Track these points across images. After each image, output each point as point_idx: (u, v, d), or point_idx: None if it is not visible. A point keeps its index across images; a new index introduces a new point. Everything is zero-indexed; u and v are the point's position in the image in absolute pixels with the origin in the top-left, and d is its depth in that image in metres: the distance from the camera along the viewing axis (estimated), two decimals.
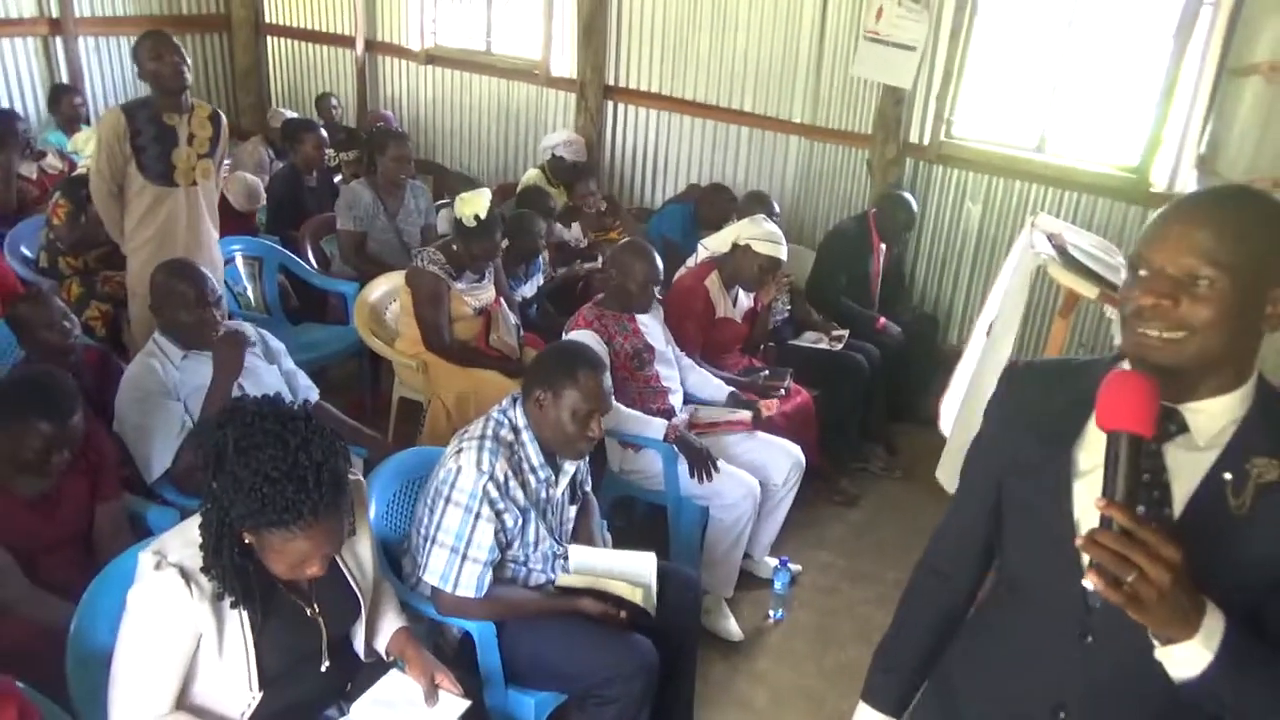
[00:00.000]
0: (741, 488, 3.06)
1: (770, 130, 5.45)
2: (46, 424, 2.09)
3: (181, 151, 3.38)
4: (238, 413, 1.63)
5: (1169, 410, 1.15)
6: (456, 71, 6.40)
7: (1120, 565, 1.01)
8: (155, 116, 3.32)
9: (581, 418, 2.23)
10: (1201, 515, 1.14)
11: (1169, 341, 1.10)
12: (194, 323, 2.67)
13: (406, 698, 1.91)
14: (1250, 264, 1.08)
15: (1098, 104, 4.78)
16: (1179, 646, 1.05)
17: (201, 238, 3.55)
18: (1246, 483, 1.12)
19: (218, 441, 1.61)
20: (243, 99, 7.05)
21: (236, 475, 1.58)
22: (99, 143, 3.32)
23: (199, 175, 3.46)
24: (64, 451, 2.14)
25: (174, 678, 1.69)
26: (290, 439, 1.59)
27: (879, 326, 4.35)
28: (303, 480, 1.58)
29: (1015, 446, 1.30)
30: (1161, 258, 1.11)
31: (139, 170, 3.32)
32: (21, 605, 2.10)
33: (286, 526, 1.59)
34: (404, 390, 3.81)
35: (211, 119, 3.47)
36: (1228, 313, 1.08)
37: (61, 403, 2.14)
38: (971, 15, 4.79)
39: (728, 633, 3.08)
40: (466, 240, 3.48)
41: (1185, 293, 1.09)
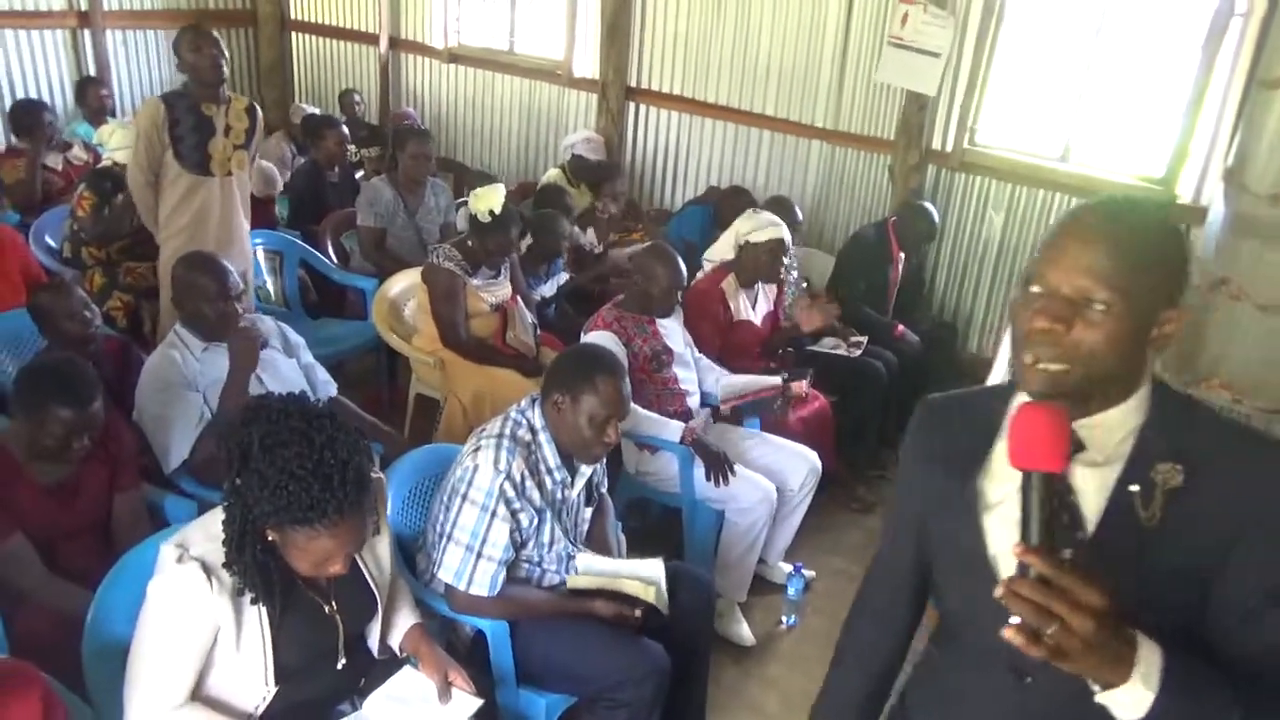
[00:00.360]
0: (758, 492, 3.04)
1: (792, 134, 5.43)
2: (67, 410, 2.10)
3: (218, 142, 3.45)
4: (263, 410, 1.63)
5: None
6: (479, 70, 6.42)
7: (1040, 617, 0.94)
8: (194, 106, 3.39)
9: (599, 423, 2.23)
10: (1114, 532, 1.11)
11: (1054, 374, 1.06)
12: (215, 316, 2.68)
13: (419, 695, 1.91)
14: (1145, 287, 1.04)
15: (1124, 114, 4.73)
16: (1120, 690, 0.99)
17: (234, 228, 3.61)
18: (1154, 492, 1.09)
19: (243, 438, 1.61)
20: (267, 94, 7.08)
21: (262, 473, 1.58)
22: (138, 132, 3.39)
23: (234, 166, 3.53)
24: (84, 438, 2.15)
25: (191, 670, 1.70)
26: (316, 437, 1.60)
27: (897, 334, 4.32)
28: (328, 478, 1.58)
29: (927, 481, 1.27)
30: (1057, 276, 1.06)
31: (176, 159, 3.39)
32: (40, 593, 2.11)
33: (311, 524, 1.59)
34: (421, 387, 3.82)
35: (248, 111, 3.55)
36: (1119, 339, 1.05)
37: (81, 390, 2.15)
38: (998, 22, 4.76)
39: (740, 637, 3.07)
40: (481, 236, 3.49)
41: (1079, 316, 1.05)
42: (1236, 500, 1.08)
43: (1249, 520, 1.07)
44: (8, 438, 2.18)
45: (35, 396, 2.12)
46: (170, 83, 6.36)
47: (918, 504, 1.30)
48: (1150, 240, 1.06)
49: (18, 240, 3.56)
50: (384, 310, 3.82)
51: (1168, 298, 1.07)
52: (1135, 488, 1.09)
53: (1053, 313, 1.05)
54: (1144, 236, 1.06)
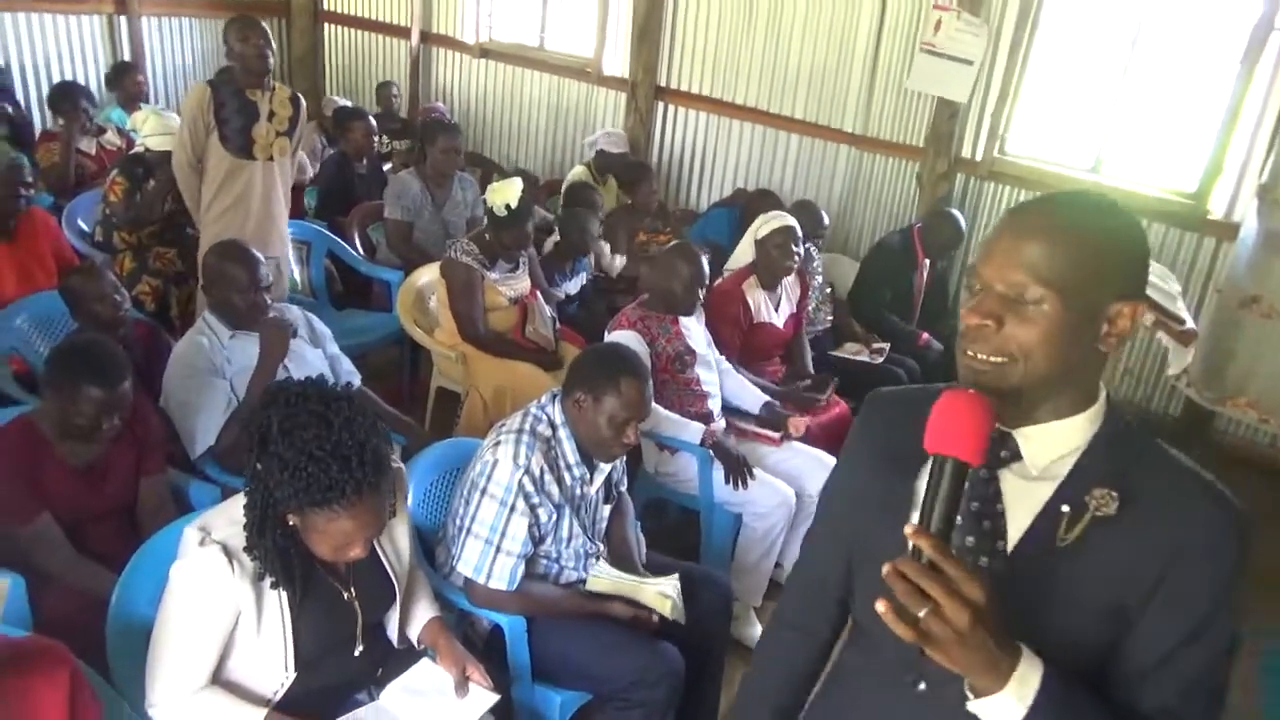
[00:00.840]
0: (776, 496, 3.04)
1: (820, 138, 5.42)
2: (96, 389, 2.13)
3: (262, 126, 3.52)
4: (281, 394, 1.65)
5: (1003, 435, 1.09)
6: (509, 66, 6.44)
7: (916, 599, 0.93)
8: (239, 92, 3.47)
9: (618, 424, 2.23)
10: (1036, 550, 1.07)
11: (995, 366, 1.03)
12: (244, 305, 2.71)
13: (436, 687, 1.92)
14: (1084, 280, 1.00)
15: (1157, 127, 4.69)
16: (991, 699, 0.97)
17: (273, 214, 3.67)
18: (1083, 515, 1.05)
19: (262, 423, 1.63)
20: (298, 84, 7.11)
21: (281, 456, 1.59)
22: (184, 115, 3.48)
23: (276, 151, 3.60)
24: (114, 418, 2.18)
25: (211, 653, 1.71)
26: (334, 419, 1.61)
27: (921, 342, 4.30)
28: (346, 459, 1.59)
29: (863, 480, 1.23)
30: (990, 272, 1.04)
31: (220, 141, 3.46)
32: (67, 573, 2.14)
33: (330, 505, 1.61)
34: (442, 380, 3.84)
35: (292, 100, 3.63)
36: (1057, 335, 1.01)
37: (111, 370, 2.18)
38: (1032, 31, 4.74)
39: (754, 642, 3.06)
40: (497, 229, 3.50)
41: (1011, 312, 1.02)
42: (1168, 538, 1.03)
43: (1178, 560, 1.03)
44: (39, 418, 2.21)
45: (67, 376, 2.14)
46: (204, 71, 6.43)
47: (847, 505, 1.26)
48: (1090, 231, 1.02)
49: (50, 223, 3.60)
50: (408, 303, 3.84)
51: (1115, 292, 1.02)
52: (1066, 508, 1.06)
53: (985, 309, 1.03)
54: (1083, 228, 1.02)
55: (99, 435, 2.18)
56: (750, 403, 3.40)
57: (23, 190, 3.28)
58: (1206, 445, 4.75)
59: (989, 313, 1.03)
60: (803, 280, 3.82)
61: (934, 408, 1.01)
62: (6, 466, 2.10)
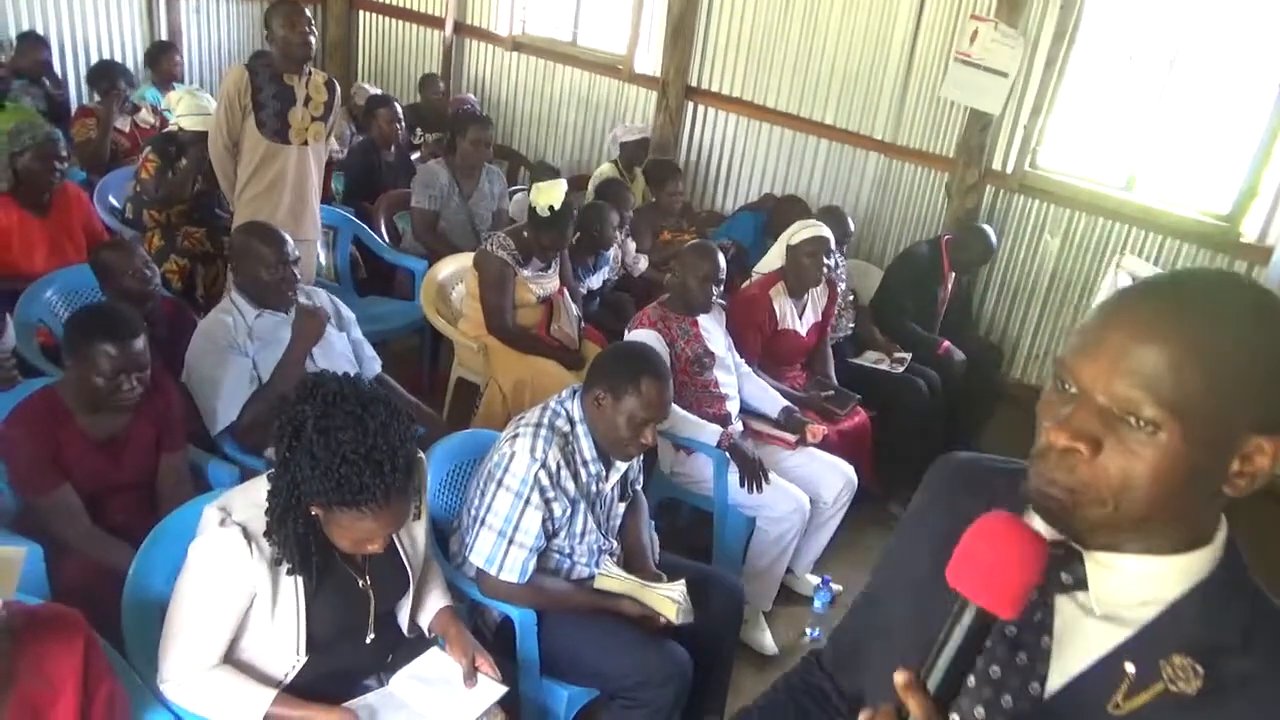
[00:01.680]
0: (791, 502, 3.03)
1: (850, 144, 5.39)
2: (111, 346, 2.14)
3: (298, 111, 3.52)
4: (319, 389, 1.65)
5: (1071, 552, 0.85)
6: (541, 60, 6.44)
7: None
8: (276, 76, 3.47)
9: (637, 424, 2.22)
10: (1081, 708, 0.83)
11: (1074, 499, 0.80)
12: (272, 282, 2.73)
13: (445, 677, 1.92)
14: (1218, 404, 0.75)
15: (1193, 147, 4.64)
16: None
17: (307, 198, 3.69)
18: (1151, 684, 0.80)
19: (297, 415, 1.63)
20: (331, 70, 7.13)
21: (314, 453, 1.60)
22: (221, 97, 3.48)
23: (311, 136, 3.61)
24: (132, 379, 2.18)
25: (225, 632, 1.73)
26: (370, 422, 1.61)
27: (942, 351, 4.27)
28: (379, 465, 1.60)
29: (909, 550, 1.03)
30: (1090, 375, 0.79)
31: (256, 126, 3.47)
32: (83, 544, 2.16)
33: (358, 507, 1.61)
34: (462, 371, 3.85)
35: (327, 85, 3.63)
36: (1170, 474, 0.76)
37: (122, 325, 2.19)
38: (1069, 46, 4.69)
39: (762, 646, 3.05)
40: (537, 229, 3.51)
41: (1113, 434, 0.77)
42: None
43: None
44: (62, 389, 2.23)
45: (80, 336, 2.17)
46: (240, 53, 6.47)
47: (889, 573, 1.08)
48: (1235, 339, 0.75)
49: (83, 198, 3.64)
50: (432, 292, 3.85)
51: (1256, 421, 0.76)
52: (1132, 668, 0.81)
53: (1078, 428, 0.78)
54: (1226, 333, 0.75)
55: (119, 399, 2.18)
56: (770, 407, 3.39)
57: (57, 165, 3.31)
58: None
59: (1083, 433, 0.78)
60: (831, 289, 3.80)
61: (969, 531, 0.79)
62: (29, 436, 2.12)
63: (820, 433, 3.31)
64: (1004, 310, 5.19)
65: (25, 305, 3.00)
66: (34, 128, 3.26)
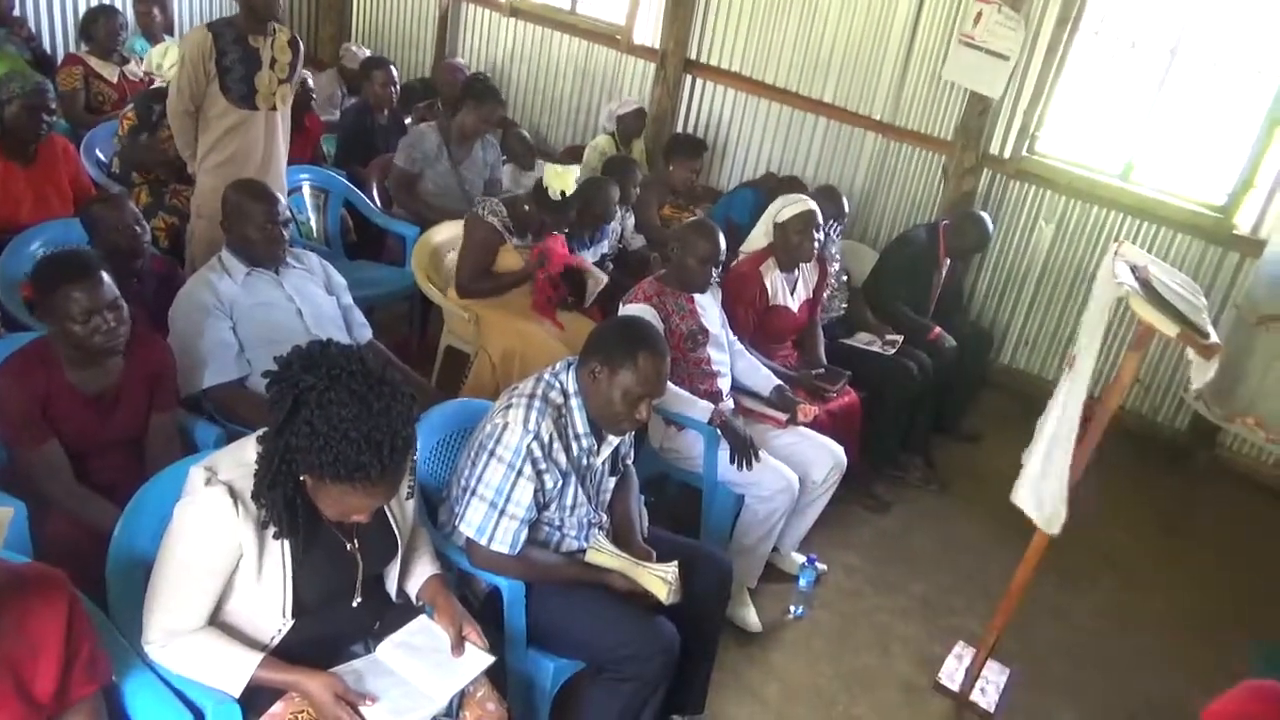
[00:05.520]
0: (781, 480, 3.02)
1: (848, 124, 5.36)
2: (75, 290, 2.09)
3: (264, 75, 3.34)
4: (324, 361, 1.61)
5: None
6: (539, 28, 6.35)
7: None
8: (240, 38, 3.27)
9: (632, 399, 2.20)
10: None
11: None
12: (262, 240, 2.70)
13: (432, 645, 1.91)
14: None
15: (1191, 137, 4.64)
16: None
17: (273, 163, 3.55)
18: None
19: (298, 383, 1.59)
20: (323, 29, 7.06)
21: (313, 424, 1.57)
22: (182, 59, 3.28)
23: (278, 100, 3.45)
24: (106, 316, 2.13)
25: (210, 594, 1.71)
26: (374, 402, 1.59)
27: (933, 336, 4.27)
28: (378, 445, 1.57)
29: None
30: None
31: (222, 92, 3.28)
32: (67, 501, 2.13)
33: (351, 483, 1.59)
34: (452, 339, 3.82)
35: (291, 44, 3.43)
36: None
37: (81, 267, 2.15)
38: (1071, 32, 4.67)
39: (746, 623, 3.06)
40: (541, 208, 3.50)
41: None
42: None
43: None
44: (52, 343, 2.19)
45: (46, 285, 2.13)
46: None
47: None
48: None
49: (71, 150, 3.57)
50: (424, 259, 3.81)
51: None
52: None
53: None
54: None
55: (103, 341, 2.13)
56: (761, 385, 3.38)
57: (45, 116, 3.25)
58: (1211, 460, 4.74)
59: None
60: (822, 266, 3.79)
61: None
62: (18, 387, 2.09)
63: (812, 413, 3.31)
64: (995, 296, 5.19)
65: (9, 259, 2.95)
66: (24, 77, 3.20)
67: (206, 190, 3.35)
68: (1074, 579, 3.69)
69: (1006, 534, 3.05)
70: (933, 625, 3.32)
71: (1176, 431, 4.85)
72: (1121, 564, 3.92)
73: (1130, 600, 3.71)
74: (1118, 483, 4.29)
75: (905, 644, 3.21)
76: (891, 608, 3.37)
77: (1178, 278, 2.76)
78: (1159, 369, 4.80)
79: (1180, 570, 3.98)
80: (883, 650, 3.16)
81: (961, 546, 3.80)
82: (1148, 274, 2.60)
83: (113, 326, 2.14)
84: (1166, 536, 4.21)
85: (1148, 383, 4.84)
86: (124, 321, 2.17)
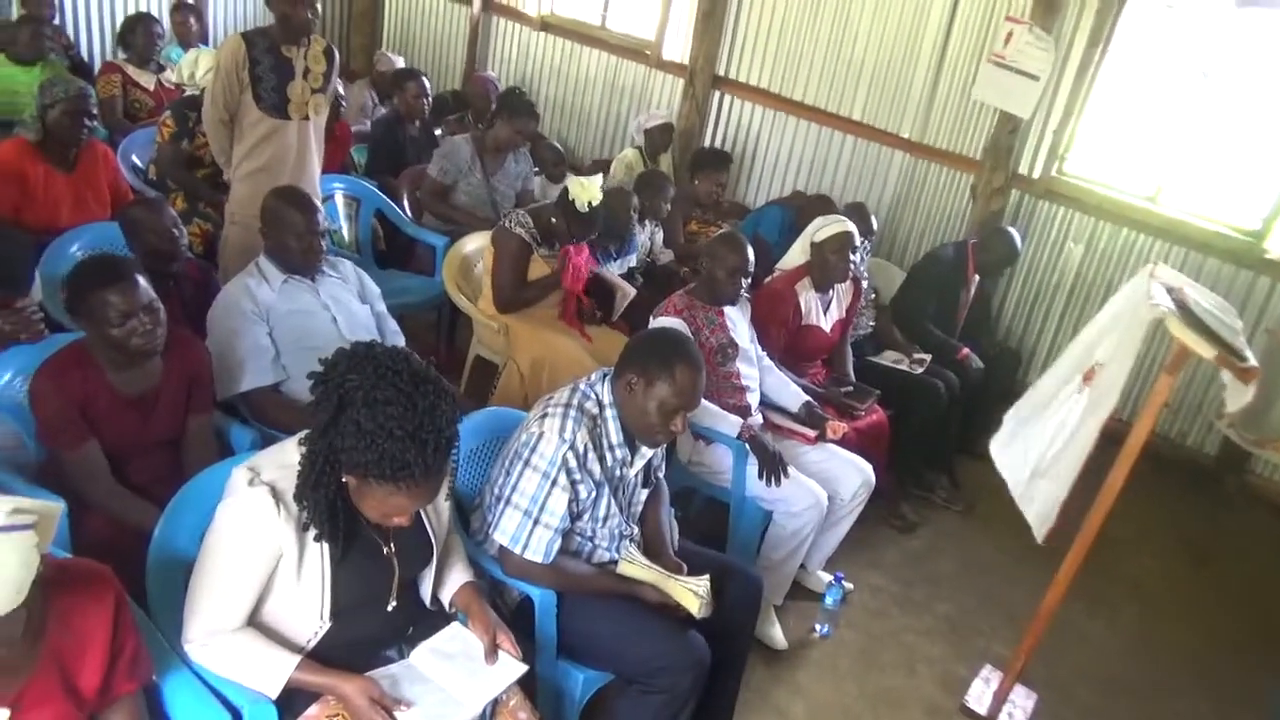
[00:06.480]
0: (810, 497, 3.01)
1: (876, 142, 5.37)
2: (110, 293, 2.11)
3: (297, 85, 3.36)
4: (370, 361, 1.62)
5: None
6: (569, 42, 6.40)
7: None
8: (274, 48, 3.29)
9: (668, 411, 2.20)
10: None
11: None
12: (301, 248, 2.72)
13: (465, 652, 1.91)
14: None
15: (1223, 161, 4.61)
16: None
17: (306, 172, 3.57)
18: None
19: (345, 383, 1.60)
20: (355, 40, 7.14)
21: (360, 423, 1.57)
22: (216, 69, 3.30)
23: (311, 110, 3.46)
24: (142, 318, 2.14)
25: (250, 593, 1.72)
26: (420, 401, 1.59)
27: (961, 356, 4.25)
28: (423, 444, 1.58)
29: None
30: None
31: (254, 101, 3.30)
32: (106, 502, 2.14)
33: (396, 482, 1.60)
34: (481, 349, 3.83)
35: (326, 54, 3.44)
36: None
37: (119, 267, 2.17)
38: (1103, 53, 4.67)
39: (772, 640, 3.05)
40: (568, 219, 3.51)
41: None
42: None
43: None
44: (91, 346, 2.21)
45: (81, 292, 2.15)
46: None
47: None
48: None
49: (110, 156, 3.62)
50: (454, 268, 3.83)
51: None
52: None
53: None
54: None
55: (140, 343, 2.14)
56: (790, 401, 3.37)
57: (87, 121, 3.29)
58: (1241, 486, 4.69)
59: None
60: (856, 286, 3.78)
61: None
62: (59, 389, 2.10)
63: (841, 429, 3.30)
64: (1023, 315, 5.17)
65: (50, 260, 2.98)
66: (66, 82, 3.25)
67: (240, 197, 3.38)
68: (1101, 604, 3.65)
69: (1032, 557, 3.02)
70: (959, 647, 3.29)
71: (1205, 456, 4.80)
72: (1148, 590, 3.87)
73: (1157, 627, 3.66)
74: (1145, 508, 4.25)
75: (931, 665, 3.18)
76: (917, 628, 3.35)
77: (1213, 300, 2.73)
78: (1188, 392, 4.75)
79: (1208, 597, 3.93)
80: (909, 671, 3.14)
81: (987, 568, 3.77)
82: (1184, 295, 2.58)
83: (149, 329, 2.15)
84: (1195, 563, 4.16)
85: (1175, 406, 4.80)
86: (160, 324, 2.19)
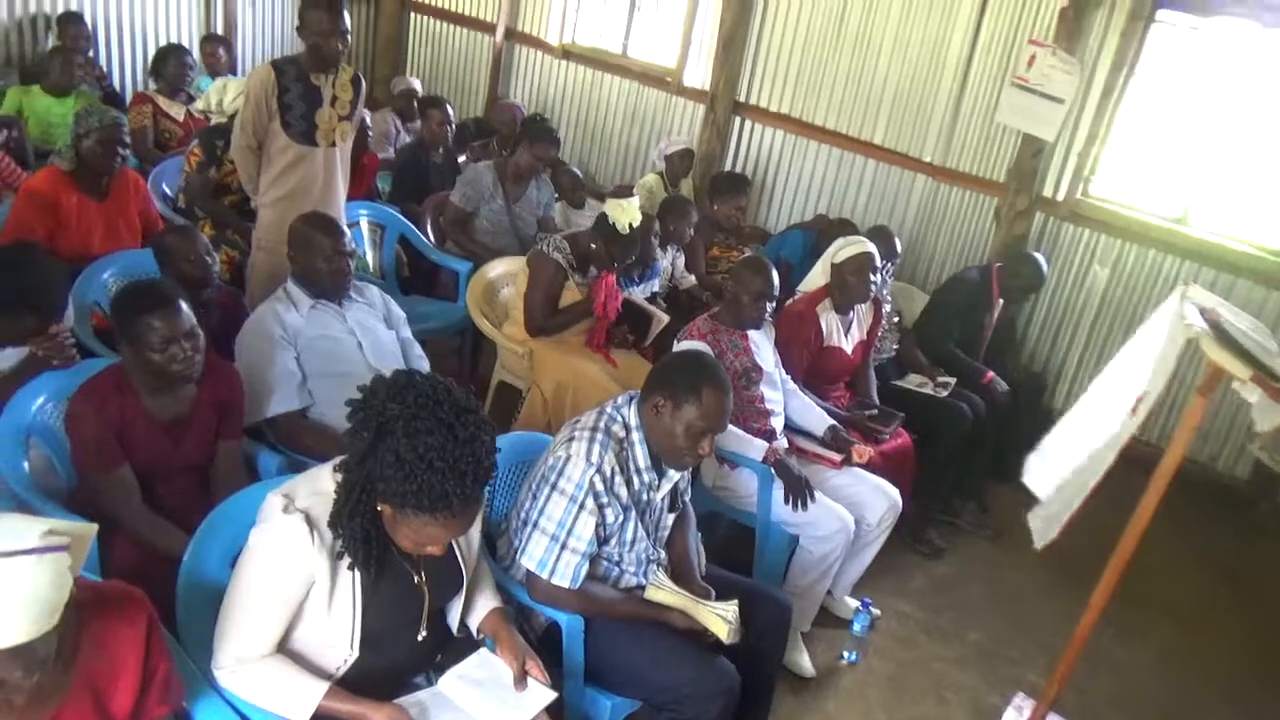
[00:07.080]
0: (836, 521, 2.98)
1: (898, 166, 5.36)
2: (154, 319, 2.14)
3: (325, 112, 3.38)
4: (411, 390, 1.62)
5: None
6: (590, 69, 6.46)
7: None
8: (303, 75, 3.32)
9: (695, 434, 2.19)
10: None
11: None
12: (329, 272, 2.74)
13: (494, 679, 1.90)
14: None
15: (1251, 182, 4.57)
16: None
17: (332, 198, 3.59)
18: None
19: (384, 412, 1.60)
20: (380, 69, 7.23)
21: (399, 453, 1.57)
22: (246, 97, 3.34)
23: (338, 137, 3.49)
24: (184, 345, 2.17)
25: (281, 620, 1.71)
26: (460, 432, 1.59)
27: (986, 380, 4.21)
28: (462, 475, 1.58)
29: None
30: None
31: (283, 128, 3.32)
32: (138, 525, 2.15)
33: (433, 513, 1.59)
34: (504, 375, 3.83)
35: (353, 82, 3.47)
36: None
37: (165, 294, 2.20)
38: (1128, 75, 4.66)
39: (800, 667, 3.01)
40: (609, 242, 3.54)
41: None
42: None
43: None
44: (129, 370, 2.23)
45: (125, 314, 2.18)
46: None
47: None
48: None
49: (141, 185, 3.67)
50: (478, 293, 3.85)
51: None
52: None
53: None
54: None
55: (179, 370, 2.17)
56: (815, 424, 3.35)
57: (120, 150, 3.34)
58: (1273, 510, 4.61)
59: None
60: (876, 308, 3.77)
61: None
62: (96, 413, 2.12)
63: (866, 453, 3.27)
64: (1049, 339, 5.13)
65: (83, 287, 3.02)
66: (101, 112, 3.29)
67: (267, 223, 3.41)
68: (1132, 630, 3.58)
69: (1061, 583, 2.99)
70: (989, 675, 3.24)
71: (1237, 480, 4.72)
72: (1181, 616, 3.80)
73: (1190, 654, 3.59)
74: (1175, 532, 4.17)
75: (961, 693, 3.13)
76: (947, 656, 3.30)
77: (1248, 321, 2.70)
78: (1218, 415, 4.69)
79: (1241, 624, 3.85)
80: (939, 700, 3.09)
81: (1016, 595, 3.71)
82: (1218, 316, 2.55)
83: (189, 355, 2.18)
84: (1227, 589, 4.09)
85: (1205, 429, 4.74)
86: (200, 350, 2.21)
